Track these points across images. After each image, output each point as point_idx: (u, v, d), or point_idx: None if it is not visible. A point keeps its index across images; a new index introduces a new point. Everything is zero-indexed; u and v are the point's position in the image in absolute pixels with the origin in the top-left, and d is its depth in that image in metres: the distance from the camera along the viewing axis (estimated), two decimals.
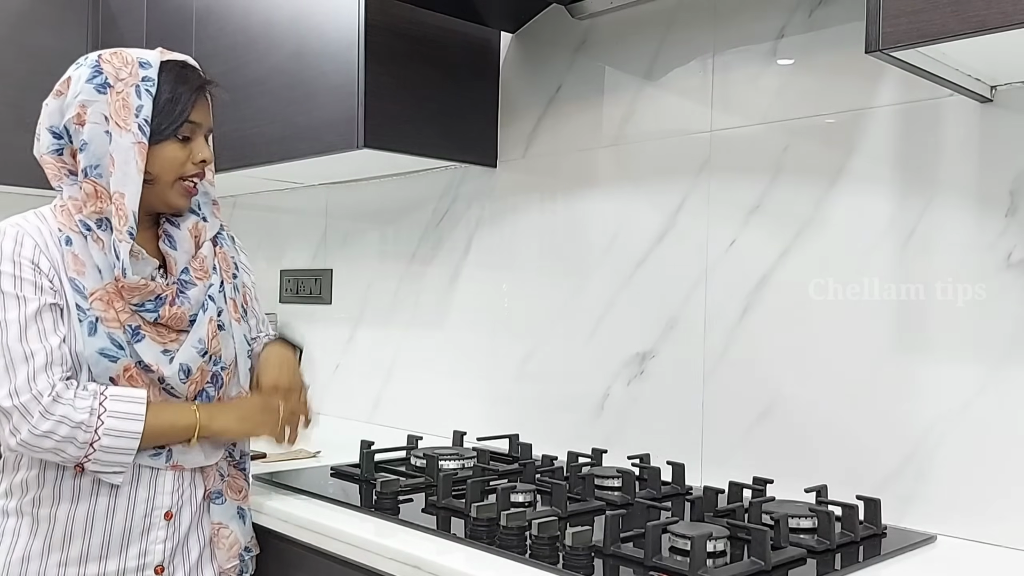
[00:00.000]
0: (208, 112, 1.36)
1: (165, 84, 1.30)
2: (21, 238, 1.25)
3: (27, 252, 1.25)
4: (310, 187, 2.48)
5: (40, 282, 1.24)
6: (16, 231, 1.26)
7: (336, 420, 2.36)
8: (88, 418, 1.21)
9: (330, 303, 2.44)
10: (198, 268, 1.35)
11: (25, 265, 1.24)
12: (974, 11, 0.97)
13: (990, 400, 1.27)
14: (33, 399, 1.19)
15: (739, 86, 1.57)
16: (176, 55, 1.35)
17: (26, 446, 1.20)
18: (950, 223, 1.32)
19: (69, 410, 1.20)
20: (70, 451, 1.21)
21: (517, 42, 1.96)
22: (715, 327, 1.59)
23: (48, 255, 1.26)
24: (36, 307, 1.23)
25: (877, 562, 1.18)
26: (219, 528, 1.38)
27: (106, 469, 1.24)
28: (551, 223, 1.88)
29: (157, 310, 1.29)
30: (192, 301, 1.32)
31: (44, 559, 1.27)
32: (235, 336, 1.39)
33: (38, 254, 1.25)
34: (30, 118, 1.38)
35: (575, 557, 1.10)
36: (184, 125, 1.30)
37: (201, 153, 1.32)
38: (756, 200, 1.54)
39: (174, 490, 1.32)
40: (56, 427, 1.19)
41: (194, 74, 1.34)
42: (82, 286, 1.25)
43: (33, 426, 1.19)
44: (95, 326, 1.24)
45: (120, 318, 1.26)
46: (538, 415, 1.88)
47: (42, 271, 1.24)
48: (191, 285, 1.33)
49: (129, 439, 1.23)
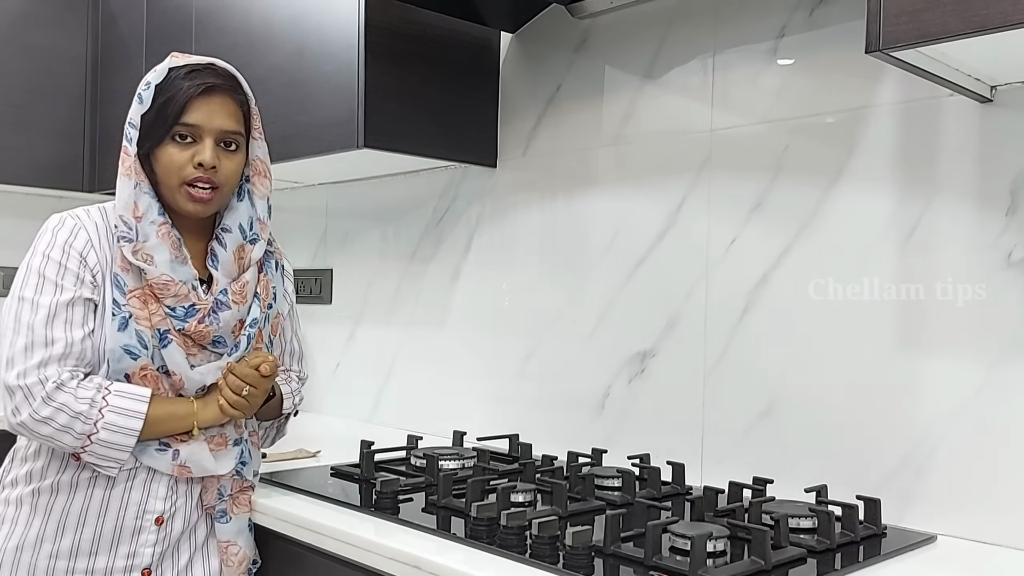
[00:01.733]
0: (219, 116, 1.32)
1: (166, 87, 1.30)
2: (77, 230, 1.30)
3: (79, 244, 1.29)
4: (310, 187, 2.48)
5: (83, 275, 1.28)
6: (75, 223, 1.31)
7: (336, 420, 2.36)
8: (88, 409, 1.22)
9: (330, 303, 2.44)
10: (237, 292, 1.36)
11: (73, 256, 1.28)
12: (974, 11, 0.97)
13: (990, 399, 1.27)
14: (38, 383, 1.21)
15: (739, 85, 1.57)
16: (195, 58, 1.35)
17: (25, 428, 1.23)
18: (950, 223, 1.32)
19: (70, 399, 1.22)
20: (67, 440, 1.23)
21: (517, 42, 1.96)
22: (715, 326, 1.59)
23: (99, 251, 1.30)
24: (71, 297, 1.26)
25: (877, 562, 1.18)
26: (228, 546, 1.39)
27: (101, 462, 1.26)
28: (551, 222, 1.88)
29: (187, 320, 1.30)
30: (221, 323, 1.33)
31: (36, 549, 1.29)
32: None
33: (88, 248, 1.29)
34: (30, 118, 1.38)
35: (575, 557, 1.10)
36: (178, 126, 1.30)
37: (199, 155, 1.30)
38: (756, 199, 1.54)
39: (167, 496, 1.33)
40: (55, 414, 1.21)
41: (202, 75, 1.32)
42: (124, 282, 1.29)
43: (34, 410, 1.21)
44: (127, 322, 1.27)
45: (152, 320, 1.28)
46: (538, 415, 1.88)
47: (88, 265, 1.28)
48: (225, 308, 1.34)
49: (126, 435, 1.24)
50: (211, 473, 1.34)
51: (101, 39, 2.67)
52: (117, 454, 1.25)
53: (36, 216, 1.36)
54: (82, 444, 1.23)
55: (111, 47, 2.63)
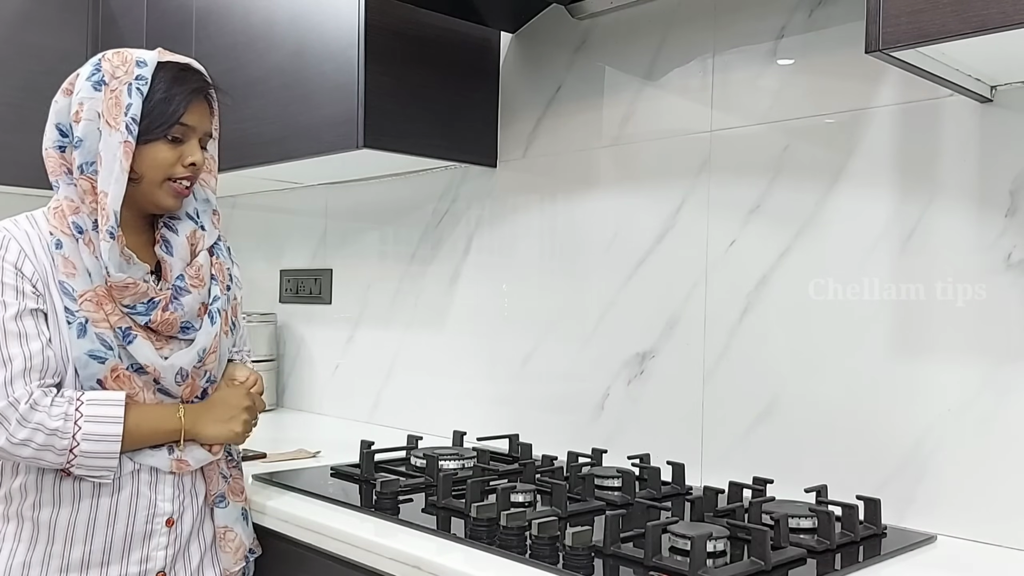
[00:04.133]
0: (207, 117, 1.35)
1: (160, 84, 1.29)
2: (7, 243, 1.25)
3: (11, 257, 1.24)
4: (310, 187, 2.48)
5: (22, 287, 1.23)
6: (2, 235, 1.26)
7: (336, 420, 2.36)
8: (63, 424, 1.19)
9: (330, 303, 2.44)
10: (193, 276, 1.34)
11: (8, 270, 1.23)
12: (974, 11, 0.97)
13: (990, 400, 1.27)
14: (10, 406, 1.18)
15: (739, 86, 1.57)
16: (179, 57, 1.34)
17: (6, 453, 1.19)
18: (950, 223, 1.32)
19: (44, 417, 1.19)
20: (50, 458, 1.20)
21: (517, 42, 1.96)
22: (715, 327, 1.59)
23: (34, 260, 1.25)
24: (16, 311, 1.22)
25: (877, 562, 1.18)
26: (225, 532, 1.38)
27: (92, 473, 1.23)
28: (551, 223, 1.88)
29: (149, 313, 1.28)
30: (185, 308, 1.31)
31: (45, 566, 1.26)
32: (221, 348, 1.38)
33: (22, 259, 1.24)
34: (30, 118, 1.38)
35: (575, 557, 1.10)
36: (176, 126, 1.29)
37: (191, 156, 1.30)
38: (756, 200, 1.54)
39: (175, 496, 1.32)
40: (33, 435, 1.18)
41: (194, 76, 1.33)
42: (71, 288, 1.25)
43: (11, 434, 1.18)
44: (84, 328, 1.24)
45: (110, 320, 1.25)
46: (538, 415, 1.88)
47: (25, 276, 1.23)
48: (185, 292, 1.32)
49: (109, 443, 1.22)
50: (207, 461, 1.34)
51: (101, 39, 2.67)
52: (104, 462, 1.22)
53: None
54: (66, 459, 1.20)
55: (111, 47, 2.62)
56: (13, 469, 1.29)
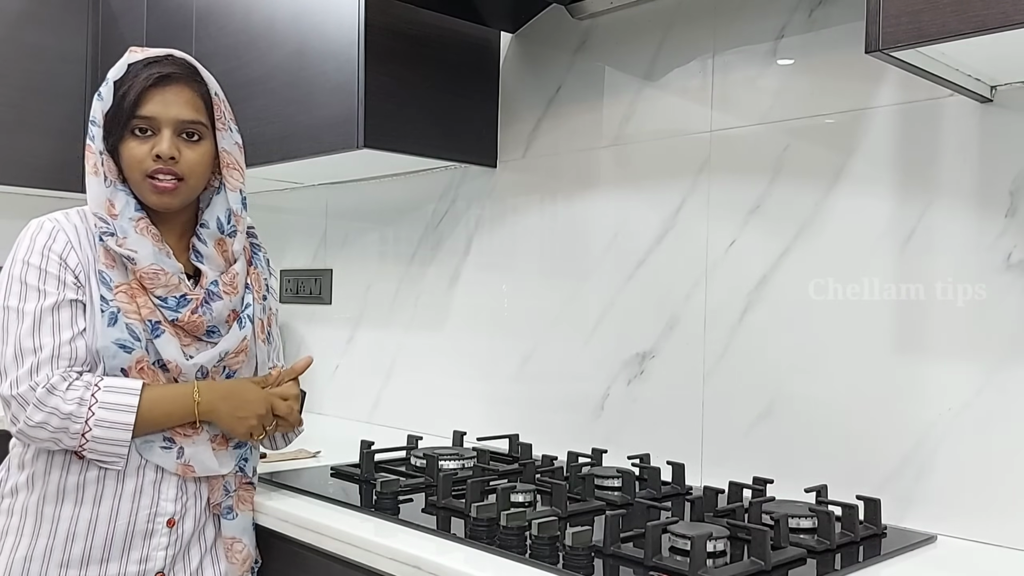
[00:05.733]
0: (176, 105, 1.31)
1: (123, 82, 1.31)
2: (55, 233, 1.30)
3: (58, 247, 1.29)
4: (310, 187, 2.48)
5: (65, 277, 1.27)
6: (52, 226, 1.30)
7: (336, 420, 2.36)
8: (77, 408, 1.22)
9: (330, 303, 2.44)
10: (227, 283, 1.36)
11: (53, 260, 1.28)
12: (974, 11, 0.97)
13: (990, 400, 1.27)
14: (29, 390, 1.22)
15: (739, 86, 1.57)
16: (151, 51, 1.34)
17: (24, 436, 1.24)
18: (950, 223, 1.32)
19: (59, 401, 1.22)
20: (66, 441, 1.24)
21: (517, 42, 1.96)
22: (715, 327, 1.59)
23: (79, 252, 1.29)
24: (55, 301, 1.26)
25: (877, 562, 1.18)
26: (232, 543, 1.39)
27: (103, 459, 1.26)
28: (551, 223, 1.88)
29: (179, 310, 1.30)
30: (214, 313, 1.33)
31: (46, 560, 1.27)
32: (257, 356, 1.41)
33: (68, 250, 1.29)
34: (30, 118, 1.39)
35: (575, 557, 1.10)
36: (134, 119, 1.30)
37: (157, 147, 1.29)
38: (756, 200, 1.54)
39: (177, 498, 1.33)
40: (48, 418, 1.22)
41: (155, 67, 1.31)
42: (109, 278, 1.28)
43: (28, 417, 1.22)
44: (116, 317, 1.27)
45: (141, 312, 1.28)
46: (538, 415, 1.88)
47: (69, 267, 1.28)
48: (217, 297, 1.34)
49: (121, 430, 1.24)
50: (213, 472, 1.34)
51: (101, 39, 2.67)
52: (115, 449, 1.25)
53: (35, 217, 1.35)
54: (79, 443, 1.23)
55: (111, 47, 2.63)
56: (20, 463, 1.31)
